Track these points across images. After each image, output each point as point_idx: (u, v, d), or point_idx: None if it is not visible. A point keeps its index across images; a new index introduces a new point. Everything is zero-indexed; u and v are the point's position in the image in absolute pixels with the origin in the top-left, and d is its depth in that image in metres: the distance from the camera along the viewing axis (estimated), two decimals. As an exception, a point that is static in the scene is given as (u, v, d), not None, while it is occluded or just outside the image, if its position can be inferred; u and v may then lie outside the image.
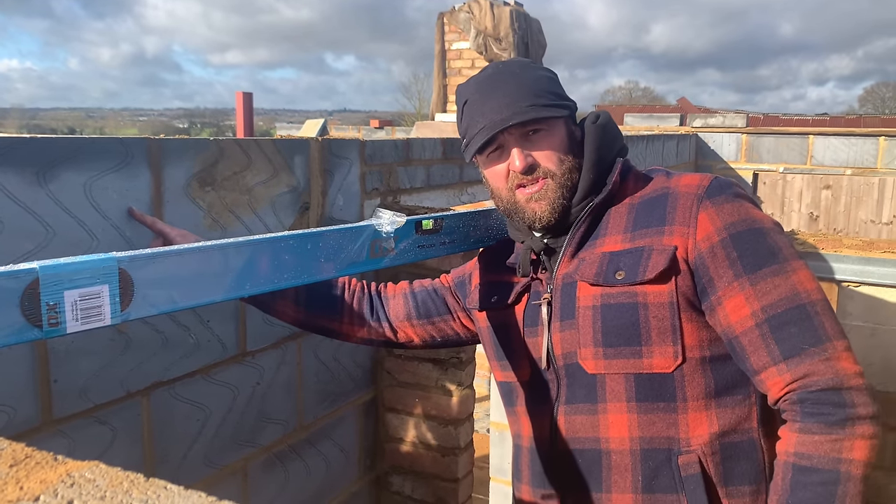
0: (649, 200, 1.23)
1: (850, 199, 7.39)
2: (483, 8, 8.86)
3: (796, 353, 1.07)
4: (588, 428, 1.20)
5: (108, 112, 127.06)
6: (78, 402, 1.52)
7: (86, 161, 1.47)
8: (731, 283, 1.11)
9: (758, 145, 7.25)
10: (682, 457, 1.13)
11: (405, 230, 1.42)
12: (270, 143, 1.94)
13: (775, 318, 1.08)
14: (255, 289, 1.15)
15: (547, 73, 1.31)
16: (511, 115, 1.21)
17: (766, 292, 1.09)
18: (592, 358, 1.19)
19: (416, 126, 7.68)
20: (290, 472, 2.14)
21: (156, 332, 1.66)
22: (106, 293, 0.95)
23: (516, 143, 1.23)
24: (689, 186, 1.21)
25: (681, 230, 1.16)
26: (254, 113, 10.01)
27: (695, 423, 1.14)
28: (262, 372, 1.99)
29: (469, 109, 1.28)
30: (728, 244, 1.12)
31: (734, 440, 1.15)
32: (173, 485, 0.51)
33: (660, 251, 1.16)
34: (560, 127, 1.26)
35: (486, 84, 1.27)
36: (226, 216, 1.80)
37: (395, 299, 1.54)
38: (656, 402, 1.15)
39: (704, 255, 1.13)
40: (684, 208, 1.18)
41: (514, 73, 1.27)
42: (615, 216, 1.25)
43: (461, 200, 3.11)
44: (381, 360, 2.48)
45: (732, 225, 1.14)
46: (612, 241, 1.22)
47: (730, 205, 1.16)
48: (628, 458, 1.16)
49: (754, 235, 1.13)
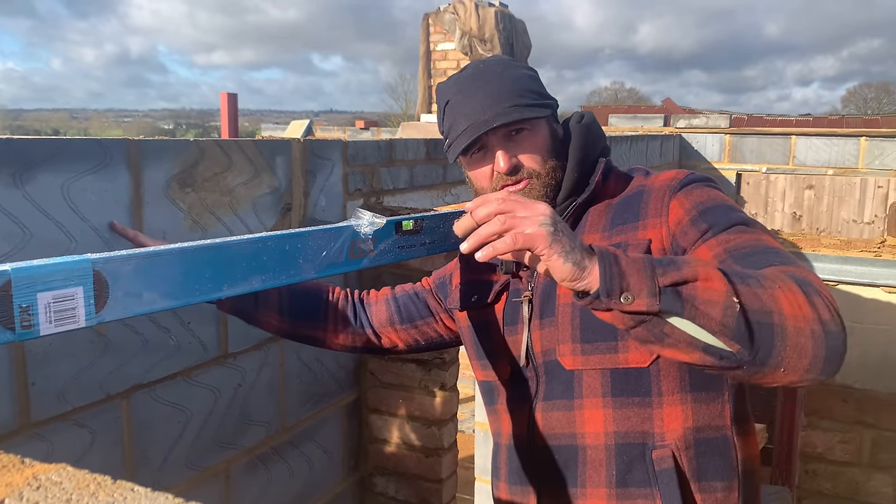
0: (626, 199, 1.25)
1: (832, 199, 7.46)
2: (468, 9, 8.87)
3: (765, 266, 1.01)
4: (564, 424, 1.21)
5: (93, 113, 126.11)
6: (56, 405, 1.50)
7: (64, 162, 1.46)
8: (698, 242, 1.11)
9: (741, 146, 7.31)
10: (656, 451, 1.14)
11: (385, 231, 1.42)
12: (252, 143, 1.93)
13: (741, 253, 1.06)
14: (232, 290, 1.14)
15: (528, 71, 1.30)
16: (494, 115, 1.20)
17: (731, 240, 1.09)
18: (570, 354, 1.19)
19: (402, 127, 7.68)
20: (273, 473, 2.13)
21: (136, 333, 1.65)
22: (80, 295, 0.94)
23: (500, 144, 1.23)
24: (663, 182, 1.22)
25: (654, 222, 1.18)
26: (239, 114, 9.98)
27: (669, 417, 1.15)
28: (243, 374, 1.98)
29: (451, 110, 1.27)
30: (696, 218, 1.14)
31: (708, 436, 1.15)
32: (140, 487, 0.51)
33: (635, 246, 1.16)
34: (543, 127, 1.26)
35: (467, 84, 1.27)
36: (206, 217, 1.79)
37: (377, 305, 1.54)
38: (631, 397, 1.15)
39: (677, 236, 1.15)
40: (657, 200, 1.20)
41: (495, 72, 1.27)
42: (594, 215, 1.26)
43: (445, 201, 3.11)
44: (365, 361, 2.47)
45: (701, 203, 1.16)
46: (590, 240, 1.22)
47: (699, 190, 1.18)
48: (603, 452, 1.17)
49: (723, 209, 1.14)
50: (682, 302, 0.90)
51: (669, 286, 0.91)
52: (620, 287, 0.91)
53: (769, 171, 7.27)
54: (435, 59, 9.32)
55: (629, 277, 0.91)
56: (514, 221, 0.96)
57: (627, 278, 0.91)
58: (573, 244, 0.95)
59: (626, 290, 0.91)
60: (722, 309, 0.90)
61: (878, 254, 1.95)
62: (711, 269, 0.92)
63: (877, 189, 7.15)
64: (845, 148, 6.89)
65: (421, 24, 9.34)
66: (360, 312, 1.53)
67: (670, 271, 0.92)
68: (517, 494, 1.30)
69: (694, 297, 0.90)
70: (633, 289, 0.91)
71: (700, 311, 0.90)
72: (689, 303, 0.90)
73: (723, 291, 0.90)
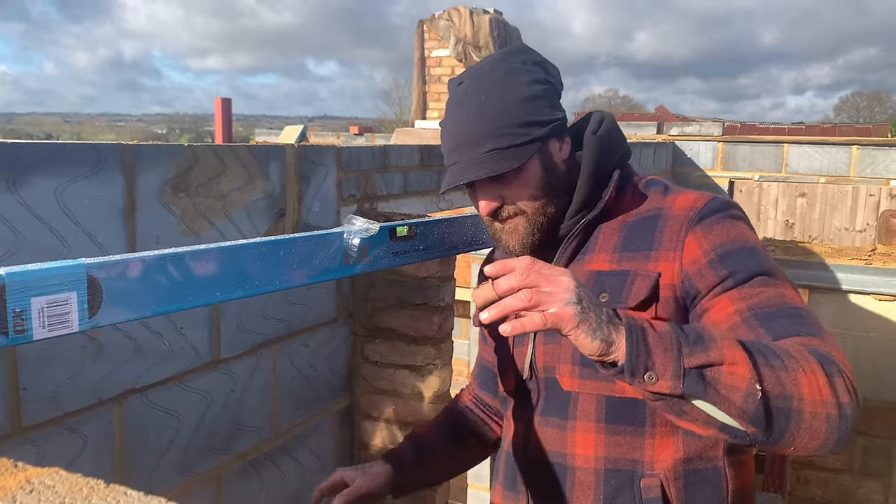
0: (641, 221, 1.21)
1: (824, 207, 7.49)
2: (463, 16, 8.90)
3: (789, 335, 1.01)
4: (556, 442, 1.21)
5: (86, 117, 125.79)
6: (48, 410, 1.50)
7: (57, 167, 1.46)
8: (718, 293, 1.09)
9: (734, 153, 7.34)
10: (644, 479, 1.14)
11: (379, 237, 1.43)
12: (246, 149, 1.93)
13: (764, 314, 1.05)
14: (226, 295, 1.15)
15: (525, 90, 1.19)
16: (468, 164, 1.17)
17: (754, 295, 1.07)
18: (569, 375, 1.19)
19: (396, 133, 7.70)
20: (265, 479, 2.13)
21: (128, 338, 1.65)
22: (74, 300, 0.94)
23: (483, 185, 1.20)
24: (681, 209, 1.18)
25: (667, 255, 1.14)
26: (233, 119, 9.98)
27: (660, 448, 1.14)
28: (236, 379, 1.98)
29: (444, 128, 1.24)
30: (716, 263, 1.10)
31: (698, 467, 1.14)
32: (133, 491, 0.52)
33: (643, 277, 1.14)
34: (532, 163, 1.19)
35: (455, 107, 1.23)
36: (200, 222, 1.79)
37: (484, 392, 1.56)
38: (624, 426, 1.15)
39: (692, 276, 1.11)
40: (672, 232, 1.15)
41: (485, 98, 1.18)
42: (606, 232, 1.23)
43: (439, 207, 3.11)
44: (358, 366, 2.47)
45: (721, 245, 1.12)
46: (599, 259, 1.21)
47: (720, 226, 1.14)
48: (592, 476, 1.17)
49: (743, 254, 1.11)
50: (705, 386, 0.90)
51: (695, 368, 0.91)
52: (646, 366, 0.91)
53: (762, 179, 7.30)
54: (429, 65, 9.34)
55: (655, 356, 0.91)
56: (540, 297, 0.93)
57: (653, 356, 0.91)
58: (600, 318, 0.93)
59: (650, 368, 0.91)
60: (744, 395, 0.90)
61: (869, 262, 1.96)
62: (737, 351, 0.92)
63: (868, 197, 7.19)
64: (837, 156, 6.93)
65: (416, 31, 9.37)
66: (485, 409, 1.56)
67: (697, 352, 0.91)
68: (509, 499, 1.31)
69: (717, 381, 0.90)
70: (657, 368, 0.91)
71: (722, 396, 0.90)
72: (711, 387, 0.90)
73: (747, 378, 0.90)
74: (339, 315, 2.37)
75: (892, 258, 1.92)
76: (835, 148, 6.93)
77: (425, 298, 2.33)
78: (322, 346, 2.31)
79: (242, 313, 1.96)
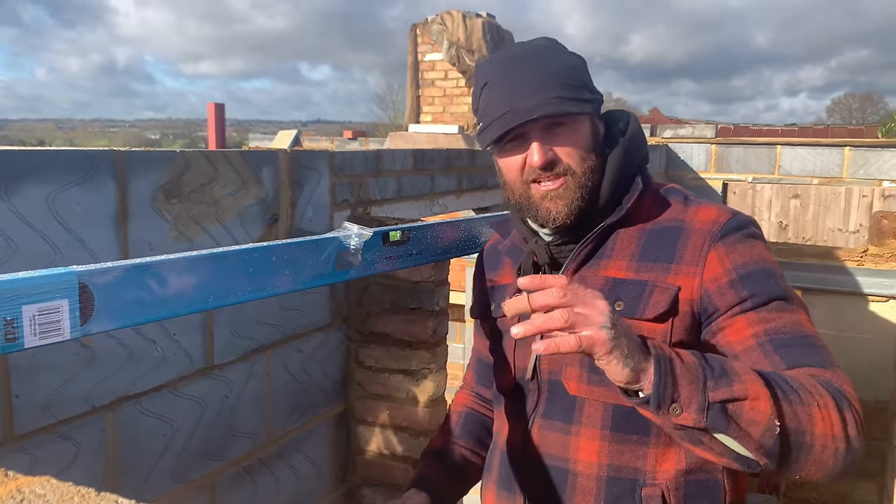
0: (661, 231, 1.20)
1: (818, 209, 7.53)
2: (456, 20, 8.92)
3: (802, 365, 1.04)
4: (559, 446, 1.20)
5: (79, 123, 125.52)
6: (40, 418, 1.49)
7: (49, 174, 1.46)
8: (736, 313, 1.10)
9: (727, 155, 7.37)
10: (645, 489, 1.14)
11: (372, 242, 1.43)
12: (238, 154, 1.93)
13: (779, 340, 1.07)
14: (218, 301, 1.15)
15: (576, 59, 1.23)
16: (536, 105, 1.13)
17: (771, 320, 1.09)
18: (576, 380, 1.19)
19: (390, 137, 7.70)
20: (260, 486, 2.12)
21: (121, 345, 1.64)
22: (66, 307, 0.94)
23: (538, 135, 1.17)
24: (704, 223, 1.17)
25: (688, 270, 1.14)
26: (227, 124, 9.97)
27: (663, 458, 1.14)
28: (230, 385, 1.98)
29: (489, 92, 1.20)
30: (737, 283, 1.11)
31: (699, 478, 1.15)
32: (124, 499, 0.51)
33: (663, 289, 1.13)
34: (585, 123, 1.20)
35: (510, 65, 1.19)
36: (192, 228, 1.79)
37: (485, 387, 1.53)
38: (630, 435, 1.15)
39: (712, 294, 1.12)
40: (695, 246, 1.15)
41: (542, 57, 1.19)
42: (624, 239, 1.21)
43: (433, 211, 3.12)
44: (352, 371, 2.47)
45: (743, 266, 1.13)
46: (616, 266, 1.19)
47: (742, 245, 1.14)
48: (594, 482, 1.16)
49: (763, 276, 1.12)
50: (727, 421, 0.92)
51: (719, 402, 0.92)
52: (672, 398, 0.92)
53: (755, 181, 7.33)
54: (423, 69, 9.35)
55: (681, 388, 0.92)
56: (576, 319, 0.92)
57: (679, 389, 0.92)
58: (631, 346, 0.94)
59: (676, 400, 0.92)
60: (762, 431, 0.92)
61: (861, 262, 1.97)
62: (760, 387, 0.94)
63: (861, 198, 7.23)
64: (830, 157, 6.96)
65: (409, 35, 9.38)
66: (489, 405, 1.52)
67: (721, 385, 0.93)
68: (504, 500, 1.30)
69: (739, 416, 0.92)
70: (682, 400, 0.92)
71: (742, 430, 0.92)
72: (733, 422, 0.92)
73: (767, 414, 0.93)
74: (333, 320, 2.37)
75: (883, 259, 1.93)
76: (827, 149, 6.96)
77: (419, 303, 2.33)
78: (316, 351, 2.30)
79: (236, 319, 1.96)
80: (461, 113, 9.08)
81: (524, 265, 1.28)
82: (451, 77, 9.15)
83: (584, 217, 1.21)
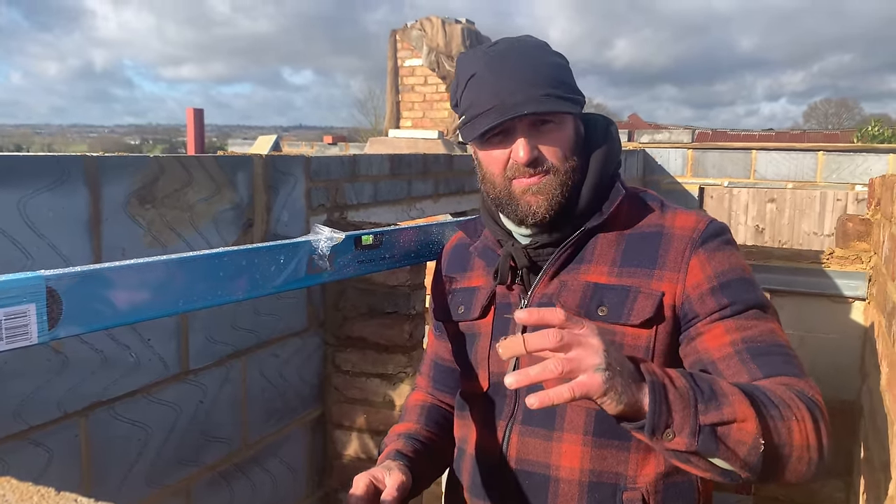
0: (642, 236, 1.21)
1: (793, 212, 7.62)
2: (435, 25, 8.95)
3: (777, 374, 1.08)
4: (540, 452, 1.20)
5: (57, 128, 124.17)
6: (12, 425, 1.49)
7: (19, 179, 1.45)
8: (715, 320, 1.13)
9: (703, 160, 7.45)
10: (626, 493, 1.15)
11: (344, 246, 1.44)
12: (212, 159, 1.93)
13: (756, 349, 1.10)
14: (189, 305, 1.15)
15: (561, 59, 1.24)
16: (525, 101, 1.13)
17: (748, 328, 1.12)
18: None
19: (370, 142, 7.70)
20: (236, 490, 2.12)
21: (94, 350, 1.64)
22: (33, 312, 0.94)
23: (524, 132, 1.16)
24: (683, 229, 1.20)
25: (671, 275, 1.16)
26: (207, 129, 9.92)
27: (644, 462, 1.16)
28: (205, 390, 1.98)
29: (475, 85, 1.19)
30: (717, 290, 1.14)
31: (676, 480, 1.17)
32: (84, 498, 0.52)
33: (647, 295, 1.15)
34: (570, 123, 1.21)
35: (499, 59, 1.18)
36: (166, 234, 1.79)
37: (442, 389, 1.48)
38: (612, 440, 1.16)
39: (693, 300, 1.15)
40: (677, 252, 1.17)
41: (530, 54, 1.19)
42: (604, 244, 1.22)
43: (410, 216, 3.13)
44: (329, 376, 2.48)
45: (723, 273, 1.15)
46: (597, 271, 1.20)
47: (720, 253, 1.18)
48: (576, 488, 1.17)
49: (742, 284, 1.16)
50: (716, 444, 0.95)
51: (709, 426, 0.95)
52: (665, 423, 0.95)
53: (731, 185, 7.41)
54: (402, 74, 9.38)
55: (675, 414, 0.95)
56: (570, 366, 0.91)
57: (673, 414, 0.95)
58: (625, 382, 0.94)
59: (669, 426, 0.95)
60: (748, 450, 0.96)
61: (827, 265, 2.01)
62: (747, 408, 0.97)
63: (836, 202, 7.33)
64: (804, 162, 7.06)
65: (388, 41, 9.40)
66: (449, 408, 1.46)
67: (711, 409, 0.96)
68: None
69: (727, 437, 0.96)
70: (675, 425, 0.95)
71: (730, 451, 0.96)
72: (722, 443, 0.96)
73: (753, 434, 0.96)
74: (309, 325, 2.37)
75: (848, 261, 1.97)
76: (801, 154, 7.06)
77: (396, 307, 2.34)
78: (293, 356, 2.31)
79: (211, 324, 1.96)
80: (441, 118, 9.11)
81: (501, 269, 1.26)
82: (431, 82, 9.18)
83: (562, 217, 1.21)
